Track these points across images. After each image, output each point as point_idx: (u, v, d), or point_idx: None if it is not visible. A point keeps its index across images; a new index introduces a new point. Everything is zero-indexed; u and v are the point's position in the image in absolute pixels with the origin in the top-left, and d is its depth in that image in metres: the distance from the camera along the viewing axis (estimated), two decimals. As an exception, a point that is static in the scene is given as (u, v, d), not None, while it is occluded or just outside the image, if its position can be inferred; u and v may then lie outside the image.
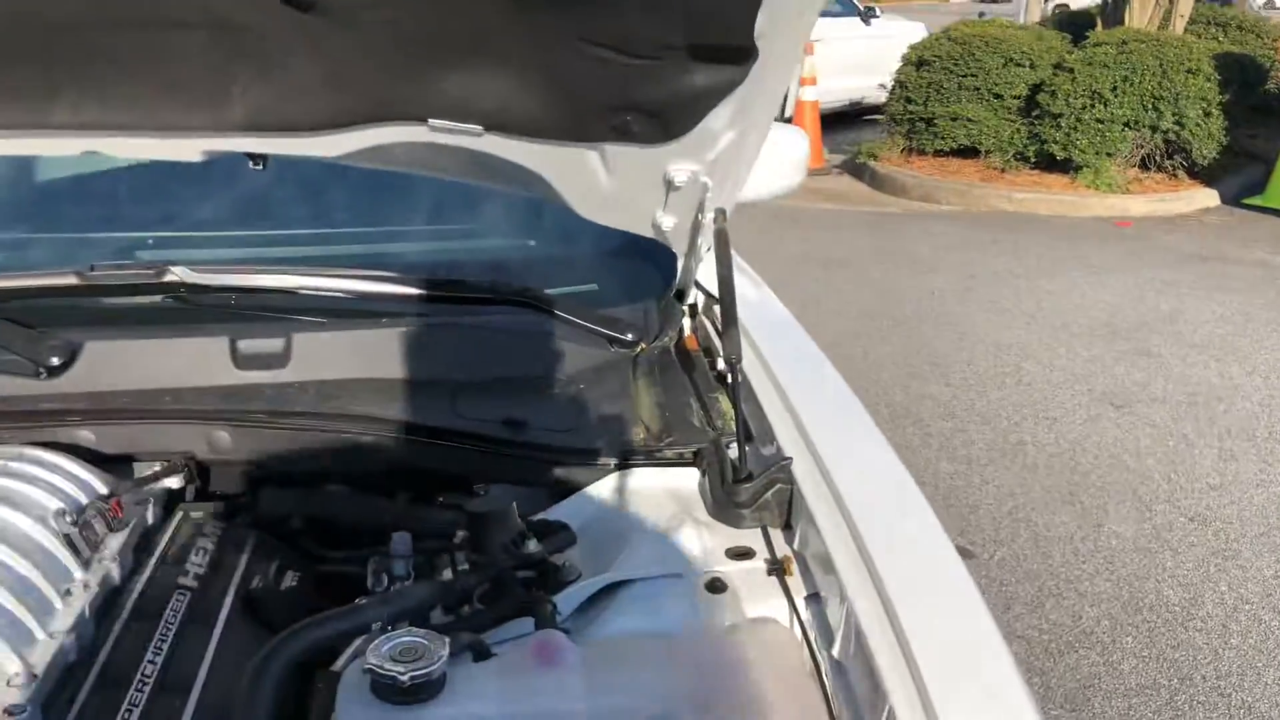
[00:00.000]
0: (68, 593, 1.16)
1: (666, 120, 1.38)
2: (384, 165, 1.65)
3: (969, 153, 9.45)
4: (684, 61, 1.23)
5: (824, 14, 11.60)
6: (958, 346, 5.62)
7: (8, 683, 1.02)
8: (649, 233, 1.74)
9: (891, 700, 1.03)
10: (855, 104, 11.93)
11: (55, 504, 1.24)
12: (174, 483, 1.46)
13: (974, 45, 9.23)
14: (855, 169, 9.96)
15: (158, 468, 1.46)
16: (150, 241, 1.89)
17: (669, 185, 1.53)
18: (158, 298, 1.65)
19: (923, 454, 4.42)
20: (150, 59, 1.29)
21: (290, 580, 1.35)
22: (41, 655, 1.07)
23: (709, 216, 1.59)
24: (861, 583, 1.18)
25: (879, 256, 7.36)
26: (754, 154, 1.52)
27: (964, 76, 9.22)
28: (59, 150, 1.50)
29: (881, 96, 10.59)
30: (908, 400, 4.97)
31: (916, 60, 9.62)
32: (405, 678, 1.05)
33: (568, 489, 1.52)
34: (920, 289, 6.61)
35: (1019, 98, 9.15)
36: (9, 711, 0.98)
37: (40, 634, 1.09)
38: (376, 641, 1.08)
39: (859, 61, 11.34)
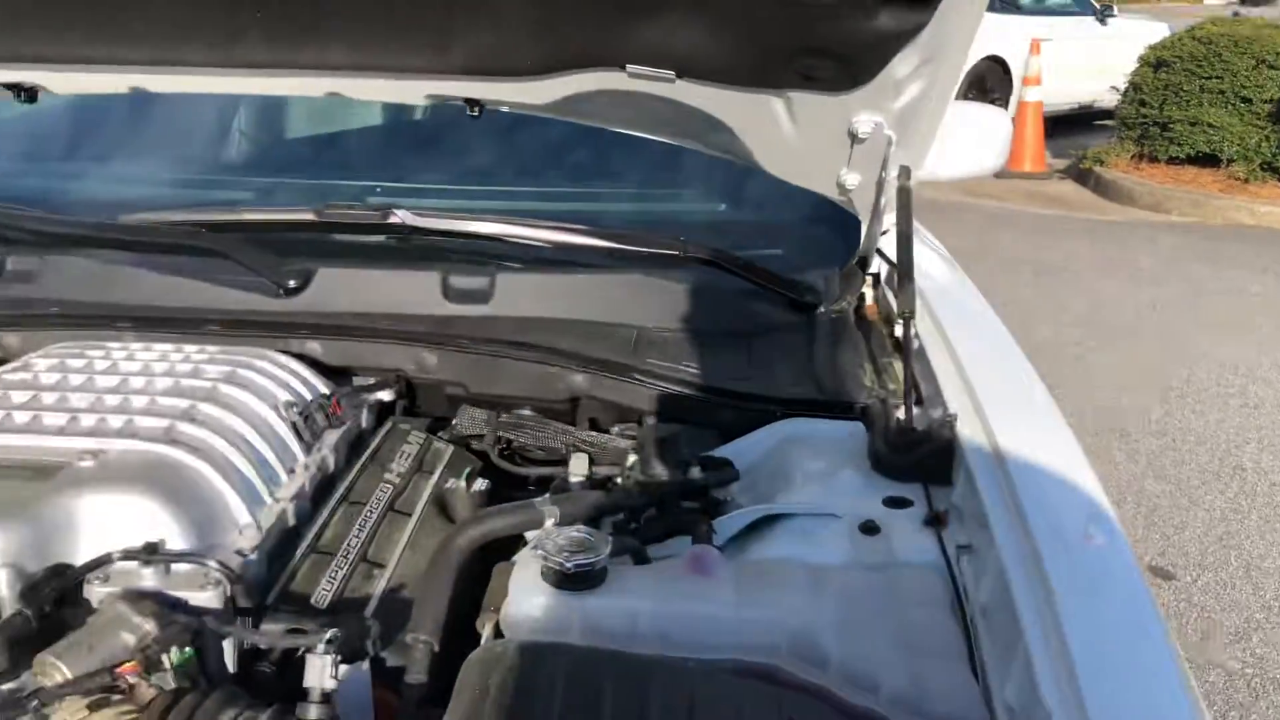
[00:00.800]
0: (291, 470, 1.34)
1: (851, 65, 1.42)
2: (583, 119, 1.77)
3: (1207, 161, 8.82)
4: (869, 3, 1.27)
5: (1056, 13, 11.13)
6: (1177, 362, 5.30)
7: (239, 532, 1.19)
8: (833, 192, 1.78)
9: (1028, 639, 1.04)
10: (1084, 107, 11.34)
11: (286, 396, 1.42)
12: (385, 396, 1.62)
13: (1221, 45, 8.60)
14: (1079, 175, 9.50)
15: (372, 381, 1.63)
16: (378, 190, 2.09)
17: (853, 138, 1.57)
18: (381, 237, 1.85)
19: (1128, 470, 4.21)
20: (383, 1, 1.45)
21: (480, 486, 1.49)
22: (268, 515, 1.24)
23: (892, 174, 1.62)
24: (1013, 532, 1.19)
25: (1098, 265, 7.01)
26: (939, 110, 1.54)
27: (1207, 79, 8.61)
28: (305, 90, 1.70)
29: (1113, 100, 10.03)
30: (1117, 413, 4.74)
31: (1154, 61, 9.06)
32: (570, 565, 1.15)
33: (734, 432, 1.58)
34: (1141, 300, 6.27)
35: (1270, 102, 8.45)
36: (239, 553, 1.15)
37: (268, 498, 1.27)
38: (548, 533, 1.19)
39: (1091, 63, 10.77)
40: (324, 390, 1.51)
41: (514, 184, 2.15)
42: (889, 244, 1.96)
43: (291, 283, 1.71)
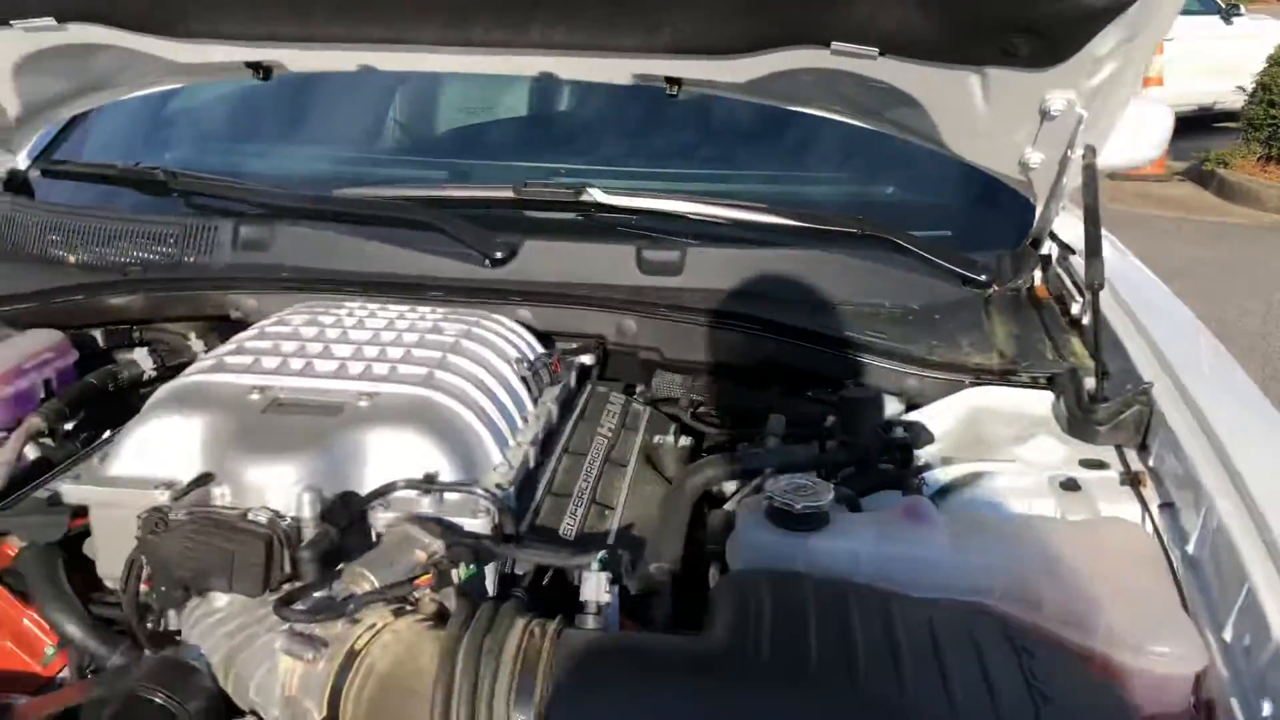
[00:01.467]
0: (525, 419, 1.46)
1: (1054, 41, 1.47)
2: (774, 99, 1.86)
3: (1341, 164, 8.55)
4: None
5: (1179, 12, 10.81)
6: (1310, 366, 5.18)
7: (494, 469, 1.31)
8: (1013, 171, 1.83)
9: (1253, 581, 1.10)
10: (1206, 109, 10.98)
11: (515, 353, 1.54)
12: (587, 360, 1.74)
13: (1358, 44, 8.32)
14: (1200, 177, 9.25)
15: (575, 345, 1.74)
16: (563, 171, 2.21)
17: (1044, 115, 1.62)
18: (570, 214, 1.97)
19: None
20: None
21: (685, 442, 1.59)
22: (514, 456, 1.35)
23: (1078, 153, 1.67)
24: (1224, 486, 1.24)
25: (1222, 268, 6.84)
26: (1130, 92, 1.58)
27: (1342, 79, 8.34)
28: (519, 69, 1.82)
29: (1238, 101, 9.74)
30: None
31: (1285, 61, 8.80)
32: (799, 507, 1.24)
33: (921, 400, 1.65)
34: (1269, 304, 6.11)
35: None
36: (499, 486, 1.27)
37: (512, 441, 1.38)
38: (777, 478, 1.29)
39: (1215, 63, 10.45)
40: (543, 350, 1.63)
41: (685, 166, 2.25)
42: (1059, 226, 2.01)
43: (498, 254, 1.83)
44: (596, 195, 1.93)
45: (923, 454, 1.55)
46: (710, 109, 2.21)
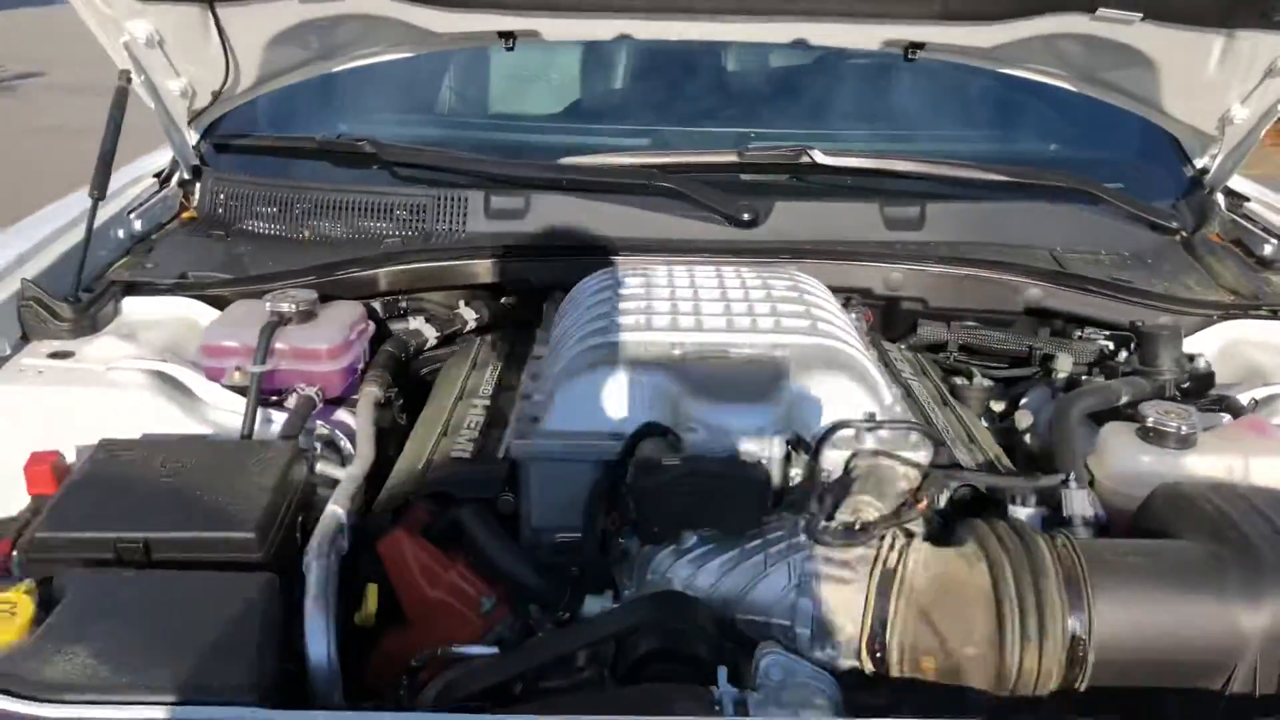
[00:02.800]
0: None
1: None
2: (994, 63, 1.97)
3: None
4: None
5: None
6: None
7: (888, 407, 1.40)
8: (1209, 127, 2.00)
9: None
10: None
11: (837, 305, 1.64)
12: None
13: None
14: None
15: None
16: (752, 135, 2.28)
17: (1269, 72, 1.78)
18: (783, 176, 2.06)
19: None
20: None
21: (986, 384, 1.72)
22: (890, 409, 1.45)
23: None
24: None
25: None
26: None
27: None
28: (771, 36, 1.89)
29: None
30: None
31: None
32: (1182, 429, 1.38)
33: None
34: None
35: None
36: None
37: (886, 397, 1.47)
38: (1151, 403, 1.42)
39: None
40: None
41: (873, 127, 2.36)
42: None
43: (745, 216, 1.91)
44: (817, 156, 2.02)
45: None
46: (890, 73, 2.32)
